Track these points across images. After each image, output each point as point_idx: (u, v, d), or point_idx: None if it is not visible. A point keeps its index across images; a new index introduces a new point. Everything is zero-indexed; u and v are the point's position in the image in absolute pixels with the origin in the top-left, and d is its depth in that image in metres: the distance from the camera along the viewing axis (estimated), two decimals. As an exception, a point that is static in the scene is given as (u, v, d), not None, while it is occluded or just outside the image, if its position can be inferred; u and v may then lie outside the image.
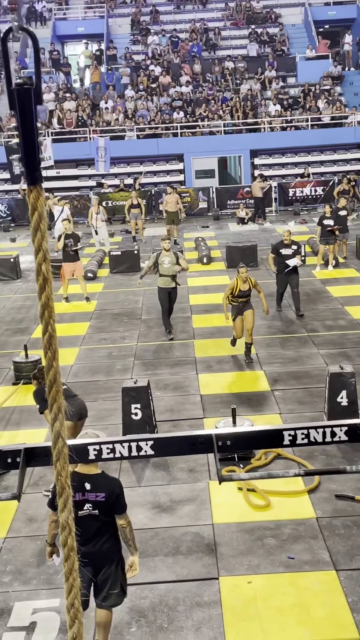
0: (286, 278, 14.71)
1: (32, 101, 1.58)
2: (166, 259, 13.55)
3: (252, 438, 3.76)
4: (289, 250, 14.54)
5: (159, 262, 13.56)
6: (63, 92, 33.78)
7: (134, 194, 24.65)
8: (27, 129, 1.59)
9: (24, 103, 1.58)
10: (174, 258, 13.57)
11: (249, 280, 12.32)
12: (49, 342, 1.67)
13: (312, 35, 36.72)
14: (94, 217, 22.07)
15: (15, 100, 1.58)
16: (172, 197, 24.11)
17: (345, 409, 9.56)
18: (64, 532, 1.81)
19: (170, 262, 13.53)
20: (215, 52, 37.06)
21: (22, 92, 1.57)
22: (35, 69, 1.61)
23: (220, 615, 6.29)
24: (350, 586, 6.57)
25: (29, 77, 1.58)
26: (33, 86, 1.58)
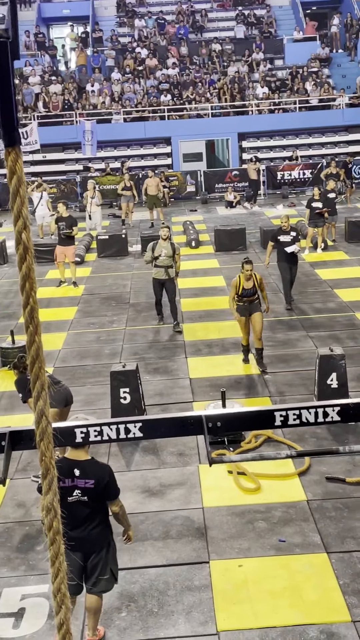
0: (289, 266, 13.98)
1: (7, 55, 1.47)
2: (163, 251, 13.06)
3: (243, 419, 3.67)
4: (287, 237, 13.85)
5: (156, 253, 13.12)
6: (49, 75, 33.42)
7: (126, 176, 24.47)
8: (4, 86, 1.48)
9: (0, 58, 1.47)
10: (170, 250, 13.11)
11: (254, 278, 11.07)
12: (30, 316, 1.57)
13: (300, 17, 36.44)
14: (89, 202, 21.70)
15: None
16: (153, 181, 23.99)
17: (335, 391, 9.51)
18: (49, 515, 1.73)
19: (167, 254, 13.08)
20: (202, 34, 36.73)
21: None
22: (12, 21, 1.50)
23: (211, 599, 6.24)
24: (341, 568, 6.53)
25: (4, 30, 1.48)
26: (9, 39, 1.47)
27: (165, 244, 13.11)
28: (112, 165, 29.59)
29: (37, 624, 6.08)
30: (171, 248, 13.12)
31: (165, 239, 13.16)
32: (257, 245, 20.04)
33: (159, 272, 13.21)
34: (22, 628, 6.05)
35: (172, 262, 13.13)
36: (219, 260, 18.69)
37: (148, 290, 16.19)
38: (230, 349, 12.32)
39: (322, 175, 25.41)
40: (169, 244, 13.16)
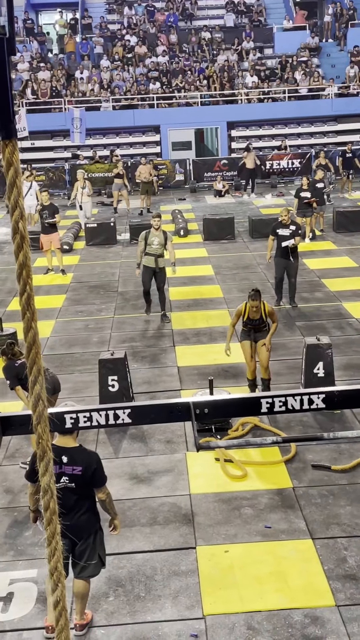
0: (285, 262, 13.41)
1: (4, 51, 1.52)
2: (155, 240, 13.02)
3: (230, 406, 3.73)
4: (286, 231, 13.29)
5: (148, 242, 13.02)
6: (37, 62, 33.25)
7: (120, 164, 24.45)
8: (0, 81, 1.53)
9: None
10: (162, 239, 13.05)
11: (262, 310, 9.69)
12: (27, 303, 1.63)
13: (290, 6, 36.40)
14: (80, 192, 21.30)
15: (-12, 50, 1.51)
16: (146, 168, 24.01)
17: (321, 380, 9.61)
18: (45, 496, 1.79)
19: (159, 242, 13.02)
20: (192, 22, 36.61)
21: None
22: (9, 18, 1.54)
23: (198, 584, 6.33)
24: (326, 554, 6.64)
25: (1, 27, 1.52)
26: (6, 35, 1.52)
27: (157, 233, 13.05)
28: (101, 153, 29.53)
29: (25, 607, 6.15)
30: (163, 237, 13.07)
31: (157, 228, 13.08)
32: (246, 234, 20.10)
33: (149, 260, 13.10)
34: (11, 612, 6.12)
35: (163, 250, 13.09)
36: (207, 249, 18.74)
37: (136, 279, 16.21)
38: (218, 338, 12.39)
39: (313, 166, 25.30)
40: (161, 232, 13.10)
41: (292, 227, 13.38)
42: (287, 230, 13.32)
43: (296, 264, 13.59)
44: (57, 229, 16.96)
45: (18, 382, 8.13)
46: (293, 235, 13.28)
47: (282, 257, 13.46)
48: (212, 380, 8.56)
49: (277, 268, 13.65)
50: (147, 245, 13.02)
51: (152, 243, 13.00)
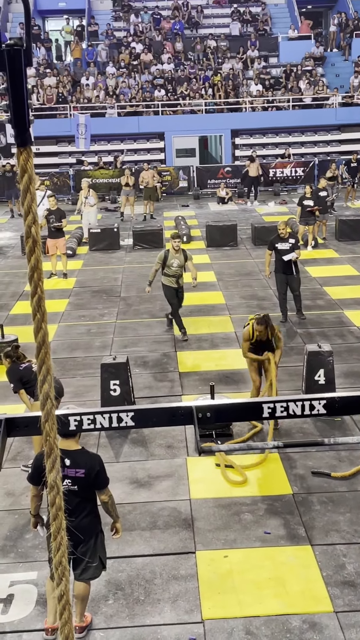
0: (286, 278, 13.00)
1: (22, 62, 1.58)
2: (175, 262, 12.38)
3: (232, 410, 3.78)
4: (286, 245, 12.84)
5: (167, 264, 12.38)
6: (43, 68, 33.40)
7: (127, 172, 24.51)
8: (17, 91, 1.59)
9: (14, 64, 1.58)
10: (182, 260, 12.42)
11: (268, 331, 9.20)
12: (37, 304, 1.69)
13: (295, 16, 36.56)
14: (83, 202, 20.93)
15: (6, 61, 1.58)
16: (148, 173, 24.11)
17: (322, 387, 9.65)
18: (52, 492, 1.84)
19: (179, 264, 12.40)
20: (198, 30, 36.78)
21: (12, 53, 1.57)
22: (26, 30, 1.61)
23: (197, 588, 6.37)
24: (324, 560, 6.67)
25: (19, 38, 1.59)
26: (23, 47, 1.58)
27: (177, 255, 12.44)
28: (105, 159, 29.64)
29: (25, 609, 6.19)
30: (183, 257, 12.50)
31: (177, 250, 12.44)
32: (249, 241, 20.18)
33: (170, 281, 12.57)
34: (11, 614, 6.16)
35: (182, 271, 12.60)
36: (210, 255, 18.81)
37: (139, 284, 16.32)
38: (220, 344, 12.45)
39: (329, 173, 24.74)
40: (181, 253, 12.49)
41: (291, 241, 12.96)
42: (287, 244, 12.89)
43: (298, 277, 13.28)
44: (63, 234, 17.11)
45: (22, 385, 8.17)
46: (293, 249, 12.87)
47: (283, 273, 13.01)
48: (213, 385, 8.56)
49: (279, 284, 13.19)
50: (167, 266, 12.42)
51: (172, 265, 12.44)
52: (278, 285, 13.27)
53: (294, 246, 12.94)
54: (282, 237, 12.94)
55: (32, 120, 1.62)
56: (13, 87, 1.59)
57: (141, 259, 18.94)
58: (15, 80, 1.59)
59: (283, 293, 13.20)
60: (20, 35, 2.10)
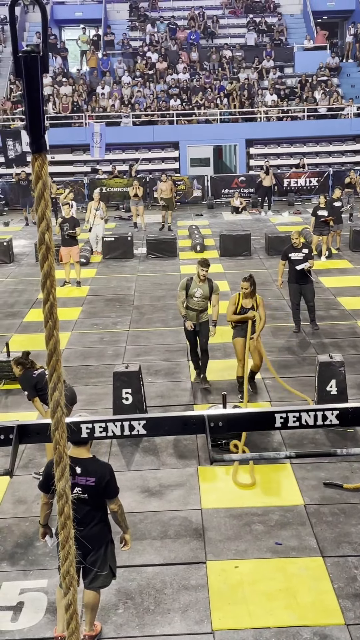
0: (299, 288, 13.00)
1: (38, 69, 1.58)
2: (198, 291, 10.70)
3: (245, 420, 3.78)
4: (299, 255, 12.83)
5: (189, 293, 10.74)
6: (60, 77, 33.59)
7: (135, 183, 24.56)
8: (33, 97, 1.60)
9: (31, 71, 1.59)
10: (206, 291, 10.75)
11: (254, 298, 10.26)
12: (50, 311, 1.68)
13: (311, 26, 36.61)
14: (93, 213, 20.45)
15: (22, 67, 1.58)
16: (167, 185, 24.11)
17: (334, 397, 9.61)
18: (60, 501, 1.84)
19: (203, 295, 10.72)
20: (213, 40, 36.90)
21: (29, 60, 1.58)
22: (43, 38, 1.61)
23: (207, 598, 6.33)
24: (336, 572, 6.63)
25: (36, 45, 1.59)
26: (40, 54, 1.59)
27: (201, 284, 10.76)
28: (120, 167, 29.73)
29: (35, 617, 6.18)
30: (208, 288, 10.81)
31: (204, 279, 10.78)
32: (262, 251, 20.16)
33: (191, 315, 10.84)
34: (21, 621, 6.15)
35: (206, 304, 10.89)
36: (223, 265, 18.80)
37: (152, 293, 16.34)
38: (232, 354, 12.39)
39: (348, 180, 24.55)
40: (206, 282, 10.81)
41: (304, 251, 12.94)
42: (300, 254, 12.87)
43: (312, 287, 13.24)
44: (77, 242, 17.18)
45: (36, 392, 8.15)
46: (306, 259, 12.85)
47: (296, 282, 13.01)
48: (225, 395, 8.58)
49: (292, 294, 13.16)
50: (188, 297, 10.80)
51: (194, 295, 10.72)
52: (291, 295, 13.25)
53: (307, 256, 12.92)
54: (296, 247, 12.95)
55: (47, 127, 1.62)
56: (29, 94, 1.59)
57: (154, 268, 18.96)
58: (31, 86, 1.59)
59: (296, 303, 13.19)
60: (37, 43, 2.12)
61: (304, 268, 12.86)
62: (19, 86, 30.88)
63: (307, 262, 12.84)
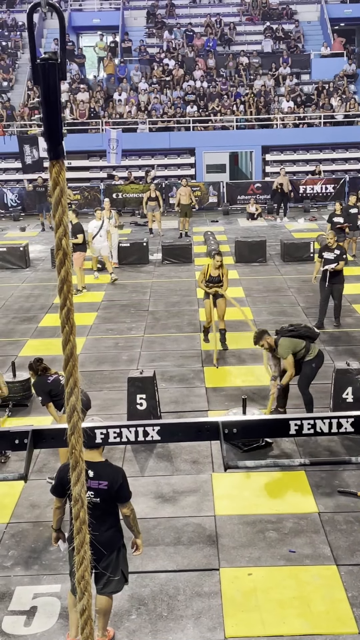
0: (330, 286, 13.59)
1: (56, 76, 1.59)
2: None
3: (259, 426, 3.77)
4: (331, 255, 13.46)
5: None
6: (77, 83, 33.76)
7: (152, 187, 24.59)
8: (51, 104, 1.61)
9: (49, 78, 1.60)
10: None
11: (221, 269, 12.67)
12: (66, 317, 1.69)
13: (328, 33, 36.57)
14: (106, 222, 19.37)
15: (40, 75, 1.59)
16: (185, 190, 24.08)
17: (350, 405, 9.57)
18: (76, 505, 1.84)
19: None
20: (230, 47, 36.94)
21: (46, 67, 1.59)
22: (60, 45, 1.63)
23: (220, 605, 6.32)
24: (350, 581, 6.59)
25: (53, 52, 1.60)
26: (58, 61, 1.60)
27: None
28: (136, 174, 29.82)
29: (48, 622, 6.19)
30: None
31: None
32: (277, 257, 20.13)
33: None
34: (34, 626, 6.16)
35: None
36: (238, 271, 18.78)
37: (167, 299, 16.36)
38: (247, 360, 12.41)
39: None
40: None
41: (336, 251, 13.57)
42: (332, 254, 13.51)
43: (339, 287, 13.74)
44: (81, 249, 16.91)
45: (50, 398, 8.16)
46: (337, 260, 13.44)
47: (323, 280, 13.68)
48: (245, 399, 8.66)
49: (321, 289, 13.84)
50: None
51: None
52: (320, 291, 13.91)
53: (339, 257, 13.51)
54: (330, 247, 13.64)
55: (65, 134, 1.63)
56: (47, 101, 1.60)
57: (170, 273, 18.97)
58: (49, 93, 1.61)
59: (323, 299, 13.83)
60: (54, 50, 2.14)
61: (328, 269, 13.45)
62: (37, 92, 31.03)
63: (332, 264, 13.45)
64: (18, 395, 10.63)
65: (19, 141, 28.77)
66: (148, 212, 24.46)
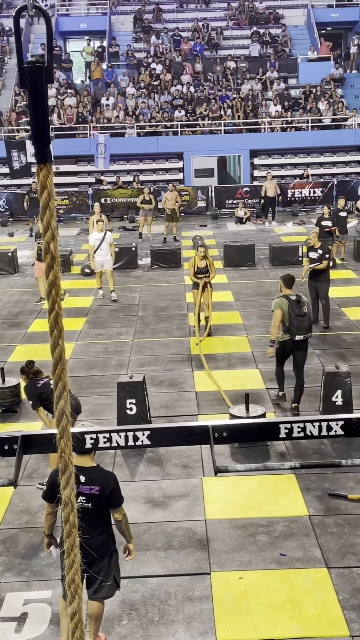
0: (314, 284, 14.11)
1: (43, 79, 1.59)
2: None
3: (249, 430, 3.77)
4: (315, 254, 13.91)
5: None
6: (64, 88, 33.74)
7: (146, 190, 24.59)
8: (38, 107, 1.60)
9: (36, 81, 1.59)
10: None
11: (207, 260, 13.77)
12: (55, 321, 1.69)
13: (315, 37, 36.72)
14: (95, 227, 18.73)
15: (27, 78, 1.59)
16: (172, 195, 24.10)
17: (340, 408, 9.58)
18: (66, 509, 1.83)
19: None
20: (217, 51, 37.03)
21: (33, 71, 1.59)
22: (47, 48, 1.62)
23: (211, 609, 6.31)
24: (341, 584, 6.59)
25: (40, 56, 1.60)
26: (45, 64, 1.59)
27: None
28: (124, 178, 29.82)
29: (39, 629, 6.16)
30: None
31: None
32: (266, 261, 20.17)
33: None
34: (24, 632, 6.13)
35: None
36: (227, 275, 18.80)
37: (156, 303, 16.35)
38: (237, 364, 12.42)
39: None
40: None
41: (319, 251, 13.90)
42: (316, 253, 13.89)
43: (323, 286, 14.08)
44: None
45: (40, 402, 8.15)
46: (320, 259, 13.81)
47: (311, 279, 14.13)
48: (248, 394, 8.79)
49: (309, 289, 14.16)
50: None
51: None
52: (309, 290, 14.14)
53: (321, 256, 13.84)
54: (313, 247, 14.09)
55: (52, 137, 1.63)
56: (34, 104, 1.60)
57: (159, 278, 18.97)
58: (36, 97, 1.60)
59: (312, 297, 13.98)
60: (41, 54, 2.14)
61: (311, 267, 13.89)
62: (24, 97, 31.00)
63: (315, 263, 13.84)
64: (7, 401, 10.59)
65: (6, 146, 28.71)
66: (141, 216, 24.46)
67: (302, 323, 10.04)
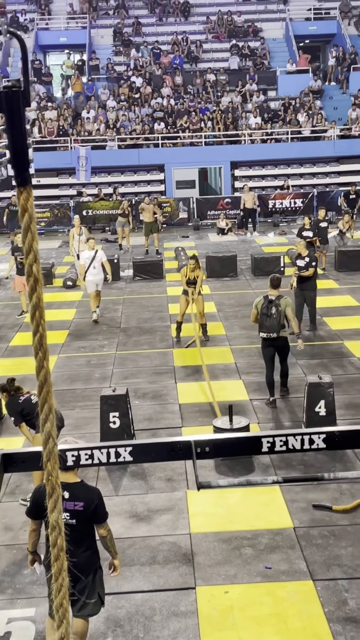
0: (301, 292, 14.31)
1: (20, 104, 1.59)
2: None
3: (231, 445, 3.77)
4: (302, 262, 14.16)
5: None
6: (45, 102, 33.76)
7: (125, 203, 24.62)
8: (16, 131, 1.60)
9: (12, 106, 1.59)
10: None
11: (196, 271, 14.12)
12: (39, 343, 1.68)
13: (293, 50, 37.04)
14: (77, 240, 18.99)
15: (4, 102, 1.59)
16: (149, 208, 23.99)
17: (323, 419, 9.61)
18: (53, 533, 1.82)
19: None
20: (197, 64, 37.24)
21: (10, 95, 1.59)
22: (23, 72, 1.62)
23: (197, 625, 6.28)
24: (326, 596, 6.59)
25: (17, 80, 1.60)
26: (21, 89, 1.60)
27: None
28: (106, 190, 29.85)
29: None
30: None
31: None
32: (248, 272, 20.23)
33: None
34: (8, 651, 6.06)
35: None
36: (210, 286, 18.83)
37: (139, 315, 16.34)
38: (220, 375, 12.42)
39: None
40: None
41: (306, 259, 14.14)
42: (303, 261, 14.13)
43: (310, 294, 14.39)
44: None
45: (22, 418, 8.11)
46: (307, 266, 14.04)
47: (298, 287, 14.32)
48: (231, 406, 8.80)
49: (296, 296, 14.28)
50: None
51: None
52: (295, 296, 14.24)
53: (308, 264, 14.09)
54: (300, 255, 14.36)
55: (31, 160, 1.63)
56: (11, 128, 1.60)
57: (141, 290, 18.98)
58: (13, 121, 1.60)
59: (298, 304, 14.13)
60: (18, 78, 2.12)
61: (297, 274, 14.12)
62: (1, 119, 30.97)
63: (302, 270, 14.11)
64: None
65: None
66: (118, 227, 24.48)
67: (264, 322, 10.85)
